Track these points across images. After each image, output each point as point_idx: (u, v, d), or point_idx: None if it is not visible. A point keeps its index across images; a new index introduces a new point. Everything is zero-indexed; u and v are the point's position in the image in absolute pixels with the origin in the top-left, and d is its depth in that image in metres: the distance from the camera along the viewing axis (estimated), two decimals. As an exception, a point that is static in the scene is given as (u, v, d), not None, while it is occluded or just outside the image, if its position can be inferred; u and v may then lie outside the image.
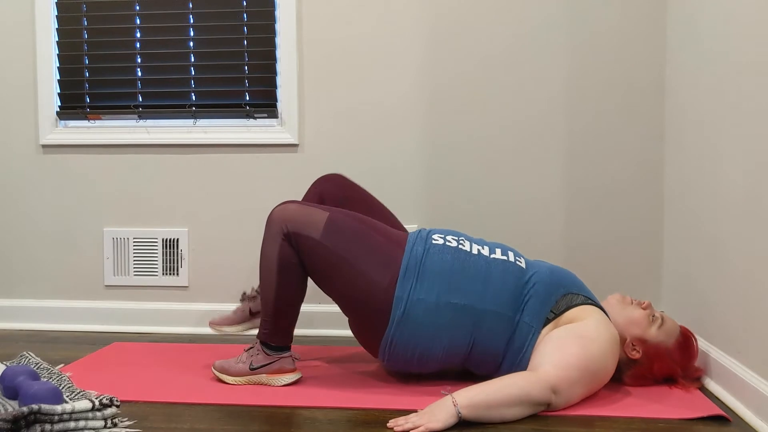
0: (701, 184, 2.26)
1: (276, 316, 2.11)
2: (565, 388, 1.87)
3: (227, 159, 2.89)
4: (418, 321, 2.02)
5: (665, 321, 2.12)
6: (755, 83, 1.86)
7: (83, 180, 2.95)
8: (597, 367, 1.92)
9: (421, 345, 2.04)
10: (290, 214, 2.09)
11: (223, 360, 2.18)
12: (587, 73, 2.72)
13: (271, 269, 2.09)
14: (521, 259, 2.14)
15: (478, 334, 2.03)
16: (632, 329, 2.09)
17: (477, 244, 2.14)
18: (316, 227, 2.07)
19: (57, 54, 2.95)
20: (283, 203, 2.15)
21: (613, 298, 2.18)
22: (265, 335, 2.13)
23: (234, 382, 2.14)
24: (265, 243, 2.12)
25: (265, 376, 2.13)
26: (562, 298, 2.05)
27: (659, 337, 2.09)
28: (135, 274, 2.93)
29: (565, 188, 2.75)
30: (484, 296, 2.02)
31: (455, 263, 2.06)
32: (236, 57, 2.87)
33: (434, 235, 2.14)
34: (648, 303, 2.15)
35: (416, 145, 2.79)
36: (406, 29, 2.78)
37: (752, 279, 1.87)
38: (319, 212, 2.10)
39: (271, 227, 2.10)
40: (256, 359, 2.13)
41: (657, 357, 2.09)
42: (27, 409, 1.57)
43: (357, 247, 2.05)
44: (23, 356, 2.24)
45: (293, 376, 2.14)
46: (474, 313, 2.02)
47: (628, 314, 2.12)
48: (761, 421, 1.77)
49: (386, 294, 2.02)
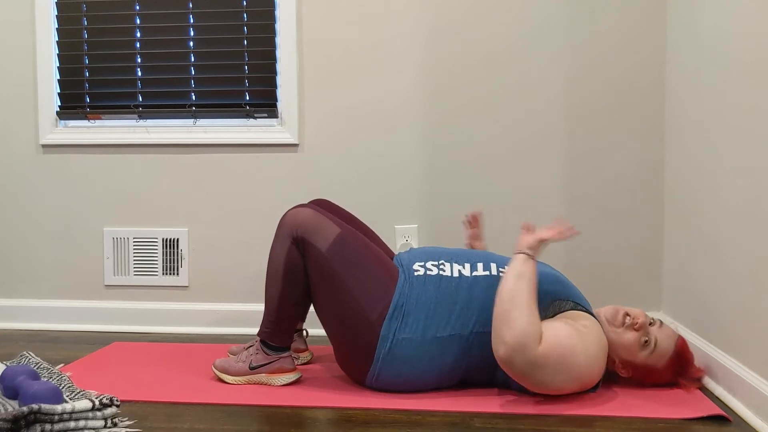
0: (701, 184, 2.26)
1: (278, 316, 2.11)
2: (550, 342, 1.85)
3: (227, 159, 2.89)
4: (404, 357, 2.00)
5: (658, 345, 2.02)
6: (755, 83, 1.86)
7: (83, 180, 2.95)
8: (581, 361, 1.89)
9: (412, 376, 2.02)
10: (302, 220, 2.08)
11: (223, 359, 2.18)
12: (587, 74, 2.72)
13: (278, 270, 2.09)
14: (505, 268, 2.07)
15: (470, 356, 2.01)
16: (621, 353, 2.04)
17: (457, 264, 2.10)
18: (325, 239, 2.06)
19: (57, 54, 2.95)
20: (298, 206, 2.15)
21: (607, 313, 2.08)
22: (266, 334, 2.13)
23: (234, 381, 2.14)
24: (274, 243, 2.12)
25: (264, 375, 2.13)
26: (550, 306, 2.01)
27: (650, 361, 2.04)
28: (135, 274, 2.93)
29: (565, 188, 2.75)
30: (469, 321, 2.00)
31: (437, 293, 2.03)
32: (236, 57, 2.87)
33: (415, 264, 2.11)
34: (641, 323, 2.03)
35: (416, 145, 2.79)
36: (406, 29, 2.78)
37: (752, 279, 1.87)
38: (332, 225, 2.09)
39: (283, 229, 2.10)
40: (255, 359, 2.13)
41: (648, 375, 2.07)
42: (27, 408, 1.57)
43: (357, 272, 2.04)
44: (23, 356, 2.24)
45: (293, 376, 2.14)
46: (462, 339, 2.00)
47: (618, 337, 2.03)
48: (761, 421, 1.77)
49: (372, 329, 2.00)
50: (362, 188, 2.81)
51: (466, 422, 1.81)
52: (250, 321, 2.80)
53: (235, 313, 2.86)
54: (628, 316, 2.05)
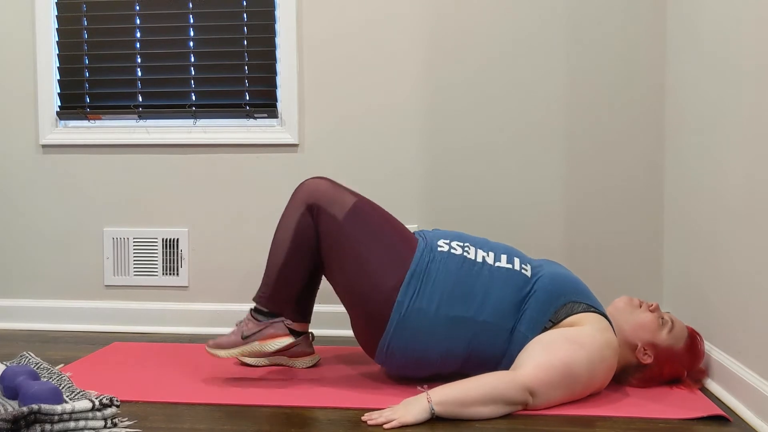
0: (701, 184, 2.26)
1: (277, 281, 2.09)
2: (544, 390, 1.86)
3: (227, 159, 2.89)
4: (415, 328, 2.00)
5: (675, 324, 2.09)
6: (755, 85, 1.86)
7: (83, 180, 2.95)
8: (581, 372, 1.88)
9: (418, 351, 2.03)
10: (320, 188, 2.09)
11: (215, 339, 2.16)
12: (588, 76, 2.72)
13: (286, 236, 2.08)
14: (527, 265, 2.10)
15: (476, 344, 2.02)
16: (642, 334, 2.06)
17: (482, 251, 2.10)
18: (341, 208, 2.06)
19: (57, 54, 2.95)
20: (314, 177, 2.15)
21: (621, 302, 2.14)
22: (260, 299, 2.11)
23: (227, 355, 2.09)
24: (286, 212, 2.11)
25: (257, 343, 2.08)
26: (563, 308, 2.01)
27: (669, 340, 2.06)
28: (135, 274, 2.93)
29: (566, 190, 2.75)
30: (483, 309, 2.01)
31: (459, 273, 2.03)
32: (236, 57, 2.87)
33: (439, 240, 2.11)
34: (656, 305, 2.11)
35: (417, 146, 2.79)
36: (407, 28, 2.78)
37: (752, 279, 1.87)
38: (348, 195, 2.10)
39: (297, 197, 2.10)
40: (246, 328, 2.10)
41: (668, 361, 2.07)
42: (27, 409, 1.57)
43: (373, 241, 2.04)
44: (23, 356, 2.24)
45: (286, 340, 2.09)
46: (472, 324, 2.00)
47: (636, 319, 2.08)
48: (761, 421, 1.77)
49: (388, 297, 2.01)
50: (362, 188, 2.80)
51: (465, 422, 1.81)
52: (250, 321, 2.81)
53: (235, 313, 2.85)
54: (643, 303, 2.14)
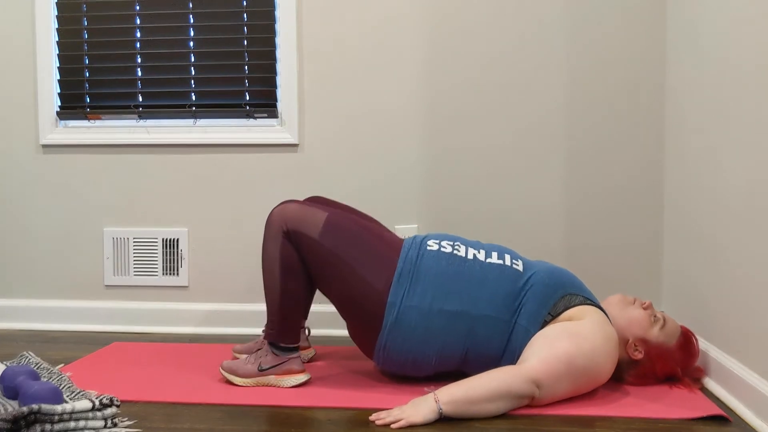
0: (701, 185, 2.26)
1: (282, 316, 2.10)
2: (550, 382, 1.87)
3: (227, 159, 2.89)
4: (410, 327, 2.01)
5: (667, 322, 2.12)
6: (755, 86, 1.86)
7: (83, 180, 2.95)
8: (585, 364, 1.90)
9: (414, 350, 2.03)
10: (289, 213, 2.10)
11: (230, 360, 2.17)
12: (588, 77, 2.72)
13: (274, 269, 2.09)
14: (518, 261, 2.12)
15: (474, 339, 2.02)
16: (634, 329, 2.09)
17: (473, 248, 2.13)
18: (315, 226, 2.07)
19: (57, 54, 2.95)
20: (282, 203, 2.15)
21: (614, 298, 2.18)
22: (272, 336, 2.12)
23: (243, 383, 2.12)
24: (266, 243, 2.11)
25: (273, 377, 2.11)
26: (560, 300, 2.04)
27: (661, 337, 2.09)
28: (135, 274, 2.93)
29: (566, 191, 2.75)
30: (479, 301, 2.01)
31: (449, 269, 2.05)
32: (236, 57, 2.87)
33: (429, 240, 2.13)
34: (649, 303, 2.14)
35: (417, 146, 2.79)
36: (407, 29, 2.78)
37: (752, 279, 1.87)
38: (318, 212, 2.10)
39: (271, 227, 2.10)
40: (265, 360, 2.12)
41: (659, 357, 2.08)
42: (27, 409, 1.57)
43: (354, 249, 2.05)
44: (23, 356, 2.24)
45: (302, 377, 2.13)
46: (468, 318, 2.01)
47: (629, 315, 2.12)
48: (761, 421, 1.77)
49: (380, 298, 2.02)
50: (362, 188, 2.81)
51: (466, 422, 1.81)
52: (250, 321, 2.81)
53: (235, 313, 2.86)
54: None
